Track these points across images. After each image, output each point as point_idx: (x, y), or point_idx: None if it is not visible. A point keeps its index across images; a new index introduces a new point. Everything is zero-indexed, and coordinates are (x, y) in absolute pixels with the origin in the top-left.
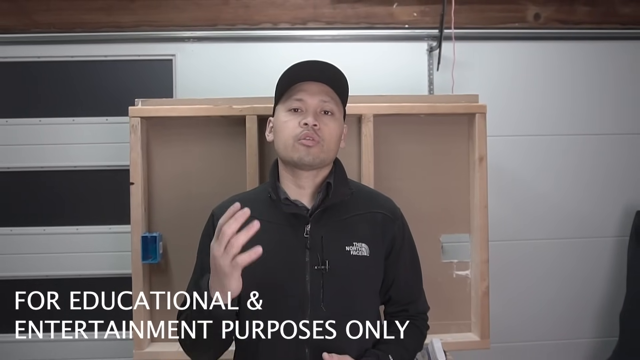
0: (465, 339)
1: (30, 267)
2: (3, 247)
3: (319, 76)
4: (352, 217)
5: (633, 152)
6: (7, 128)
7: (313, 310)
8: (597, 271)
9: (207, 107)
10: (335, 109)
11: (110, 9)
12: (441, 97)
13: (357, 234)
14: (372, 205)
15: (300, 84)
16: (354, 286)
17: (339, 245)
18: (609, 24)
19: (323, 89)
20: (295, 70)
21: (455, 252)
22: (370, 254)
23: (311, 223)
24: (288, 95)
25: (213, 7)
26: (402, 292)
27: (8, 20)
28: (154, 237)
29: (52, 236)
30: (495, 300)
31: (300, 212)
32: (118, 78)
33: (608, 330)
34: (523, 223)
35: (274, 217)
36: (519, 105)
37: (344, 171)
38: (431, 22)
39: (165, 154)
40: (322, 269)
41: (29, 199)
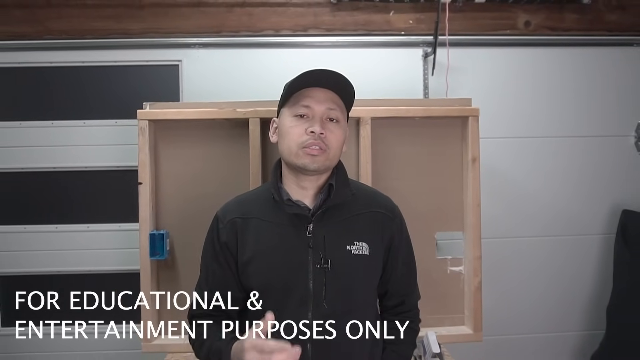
0: (458, 331)
1: (43, 264)
2: (17, 244)
3: (326, 82)
4: (353, 217)
5: (619, 154)
6: (21, 130)
7: (315, 308)
8: (585, 267)
9: (212, 111)
10: (341, 116)
11: (119, 17)
12: (436, 101)
13: (358, 233)
14: (372, 205)
15: (308, 90)
16: (354, 284)
17: (340, 245)
18: (596, 31)
19: (330, 96)
20: (304, 77)
21: (450, 249)
22: (370, 252)
23: (313, 223)
24: (295, 100)
25: (218, 15)
26: (398, 285)
27: (22, 28)
28: (161, 234)
29: (63, 234)
30: (488, 295)
31: (303, 212)
32: (127, 82)
33: (595, 323)
34: (514, 221)
35: (277, 217)
36: (510, 108)
37: (345, 172)
38: (426, 29)
39: (172, 155)
40: (324, 267)
41: (42, 198)
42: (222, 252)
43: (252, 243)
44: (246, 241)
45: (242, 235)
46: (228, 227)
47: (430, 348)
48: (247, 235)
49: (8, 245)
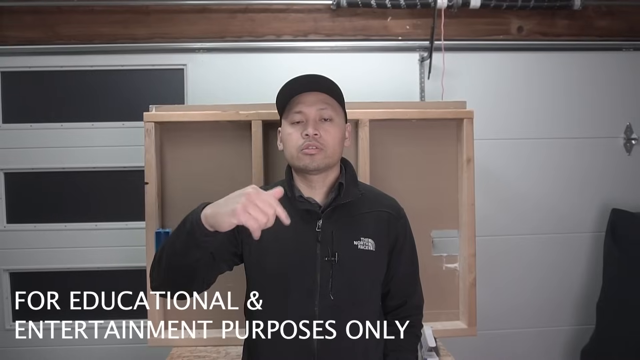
0: (454, 326)
1: (53, 260)
2: (29, 242)
3: (313, 86)
4: (361, 215)
5: (609, 154)
6: (32, 132)
7: (322, 298)
8: (576, 264)
9: (216, 113)
10: (334, 114)
11: (126, 22)
12: (432, 104)
13: (365, 230)
14: (379, 205)
15: (298, 97)
16: (359, 277)
17: (347, 240)
18: (587, 36)
19: (320, 97)
20: (291, 85)
21: (445, 246)
22: (376, 248)
23: (323, 219)
24: (289, 108)
25: (221, 21)
26: (401, 285)
27: (33, 33)
28: (167, 232)
29: (73, 232)
30: (482, 291)
31: (313, 208)
32: (133, 86)
33: (585, 318)
34: (507, 220)
35: (289, 212)
36: (503, 111)
37: (354, 173)
38: (422, 34)
39: (177, 155)
40: (331, 260)
41: (52, 197)
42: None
43: (265, 234)
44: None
45: None
46: None
47: (427, 342)
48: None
49: (19, 243)
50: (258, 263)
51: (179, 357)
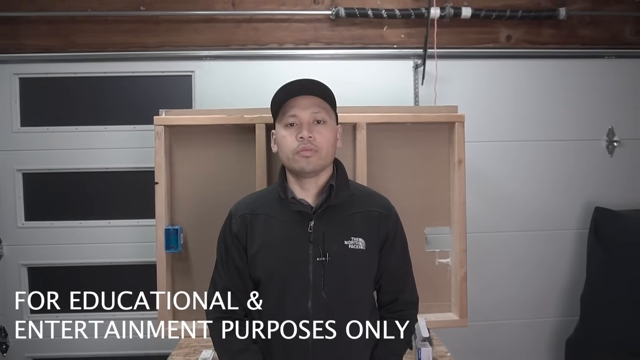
0: (446, 318)
1: (68, 256)
2: (44, 239)
3: (306, 90)
4: (351, 215)
5: (592, 156)
6: (48, 135)
7: (315, 296)
8: (561, 259)
9: (222, 117)
10: (327, 116)
11: (137, 31)
12: (425, 108)
13: (355, 230)
14: (370, 204)
15: (292, 100)
16: (351, 275)
17: (338, 240)
18: (571, 45)
19: (313, 101)
20: (285, 89)
21: (438, 242)
22: (366, 247)
23: (314, 220)
24: (283, 112)
25: (227, 30)
26: (392, 280)
27: (49, 42)
28: (176, 229)
29: (86, 229)
30: (473, 285)
31: (305, 209)
32: (144, 91)
33: (570, 310)
34: (497, 217)
35: (282, 213)
36: (493, 115)
37: (345, 174)
38: (416, 43)
39: (185, 157)
40: (323, 260)
41: (67, 196)
42: (234, 242)
43: (260, 236)
44: (255, 234)
45: (251, 229)
46: (239, 221)
47: (420, 333)
48: (255, 229)
49: (36, 239)
50: (255, 264)
51: (187, 346)
